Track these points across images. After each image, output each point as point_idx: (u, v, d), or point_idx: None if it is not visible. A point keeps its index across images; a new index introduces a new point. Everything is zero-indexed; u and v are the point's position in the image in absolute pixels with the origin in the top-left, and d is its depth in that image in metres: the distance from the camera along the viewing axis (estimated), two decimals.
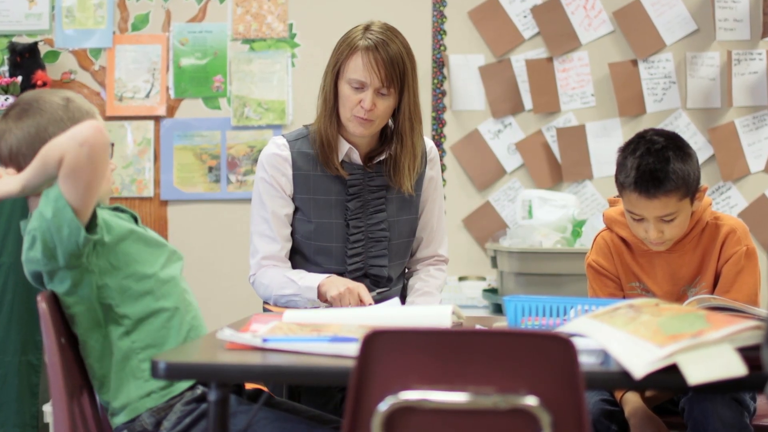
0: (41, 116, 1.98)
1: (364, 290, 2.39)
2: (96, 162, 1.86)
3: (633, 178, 2.24)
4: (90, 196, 1.87)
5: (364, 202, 2.56)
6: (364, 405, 1.53)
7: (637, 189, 2.24)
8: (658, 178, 2.23)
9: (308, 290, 2.44)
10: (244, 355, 1.72)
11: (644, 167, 2.24)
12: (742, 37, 4.13)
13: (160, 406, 1.96)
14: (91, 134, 1.84)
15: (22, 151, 1.99)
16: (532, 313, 1.98)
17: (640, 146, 2.28)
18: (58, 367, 1.90)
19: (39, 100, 2.01)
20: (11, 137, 1.99)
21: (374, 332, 1.53)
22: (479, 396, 1.51)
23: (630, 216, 2.31)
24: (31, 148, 1.96)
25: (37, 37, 4.26)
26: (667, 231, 2.29)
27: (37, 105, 2.00)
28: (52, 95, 2.03)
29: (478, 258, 4.20)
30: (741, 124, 4.12)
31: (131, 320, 1.98)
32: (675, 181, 2.23)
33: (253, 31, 4.27)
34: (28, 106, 2.00)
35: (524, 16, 4.19)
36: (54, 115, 1.98)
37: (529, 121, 4.20)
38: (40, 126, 1.98)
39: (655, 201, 2.24)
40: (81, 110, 2.01)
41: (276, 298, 2.52)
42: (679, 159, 2.25)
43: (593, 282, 2.45)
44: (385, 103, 2.47)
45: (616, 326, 1.70)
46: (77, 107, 2.01)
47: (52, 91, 2.07)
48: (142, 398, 1.96)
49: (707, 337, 1.58)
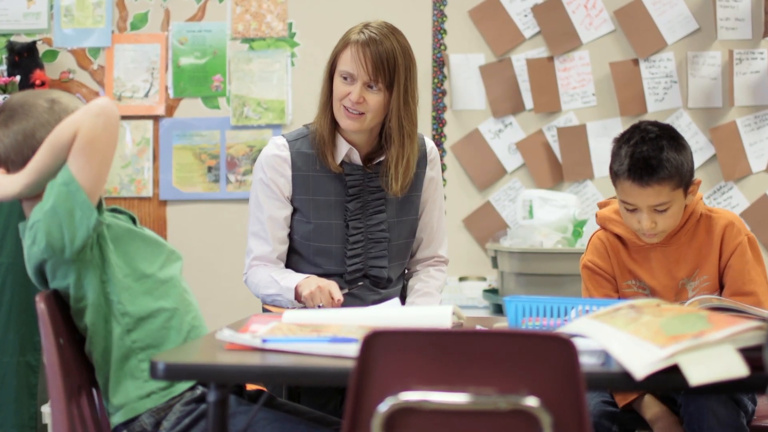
0: (27, 121, 1.98)
1: (334, 288, 2.39)
2: (111, 132, 1.89)
3: (627, 166, 2.27)
4: (103, 172, 1.89)
5: (363, 202, 2.56)
6: (364, 406, 1.53)
7: (630, 176, 2.26)
8: (651, 165, 2.25)
9: (287, 291, 2.45)
10: (243, 356, 1.71)
11: (638, 155, 2.26)
12: (744, 37, 4.12)
13: (159, 407, 1.95)
14: (105, 104, 1.89)
15: (10, 158, 1.98)
16: (532, 313, 1.97)
17: (634, 135, 2.31)
18: (57, 368, 1.89)
19: (24, 105, 2.00)
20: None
21: (374, 333, 1.52)
22: (480, 397, 1.51)
23: (623, 206, 2.33)
24: (20, 155, 1.96)
25: (35, 37, 4.26)
26: (660, 222, 2.30)
27: (22, 110, 1.99)
28: (37, 98, 2.02)
29: (479, 258, 4.19)
30: (742, 124, 4.12)
31: (132, 318, 1.97)
32: (668, 169, 2.25)
33: (252, 31, 4.27)
34: (13, 112, 1.99)
35: (525, 15, 4.19)
36: (40, 119, 1.97)
37: (529, 120, 4.20)
38: (27, 131, 1.97)
39: (648, 189, 2.26)
40: (67, 111, 2.00)
41: (263, 297, 2.54)
42: (673, 148, 2.28)
43: (588, 282, 2.46)
44: (375, 98, 2.47)
45: (617, 327, 1.70)
46: (63, 108, 2.00)
47: (36, 93, 2.06)
48: (142, 399, 1.95)
49: (708, 337, 1.57)
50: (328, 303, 2.35)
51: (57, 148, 1.89)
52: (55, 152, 1.89)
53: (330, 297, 2.36)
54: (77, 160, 1.86)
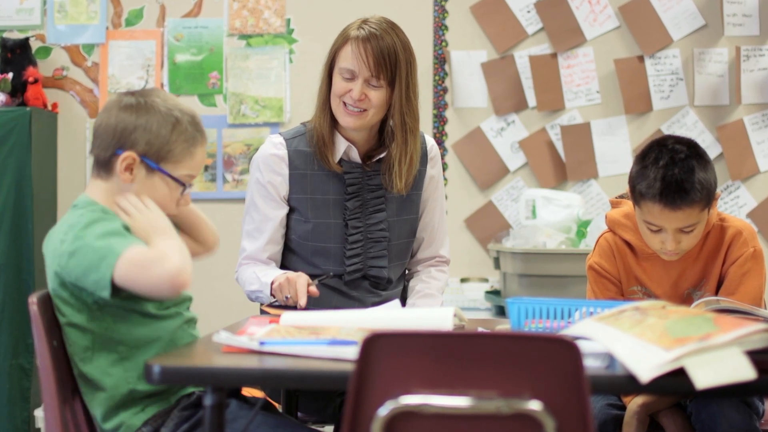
0: (146, 118, 1.94)
1: (302, 280, 2.35)
2: (153, 295, 1.85)
3: (658, 189, 2.21)
4: (134, 291, 1.84)
5: (363, 201, 2.55)
6: (363, 410, 1.52)
7: (662, 200, 2.21)
8: (684, 189, 2.20)
9: (266, 286, 2.45)
10: (240, 359, 1.71)
11: (670, 178, 2.21)
12: (751, 33, 4.13)
13: (157, 414, 1.92)
14: (180, 274, 1.82)
15: (99, 134, 1.95)
16: (535, 315, 1.97)
17: (662, 155, 2.24)
18: (50, 371, 1.87)
19: (155, 105, 1.96)
20: (110, 118, 1.95)
21: (374, 335, 1.52)
22: (481, 400, 1.50)
23: (646, 226, 2.29)
24: (108, 140, 1.93)
25: (28, 33, 4.26)
26: (684, 242, 2.27)
27: (151, 106, 1.95)
28: (173, 109, 1.97)
29: (481, 259, 4.19)
30: (750, 122, 4.12)
31: (127, 348, 1.92)
32: (700, 192, 2.21)
33: (249, 27, 4.26)
34: (145, 104, 1.96)
35: (528, 11, 4.19)
36: (151, 123, 1.94)
37: (532, 118, 4.19)
38: (135, 125, 1.94)
39: (678, 212, 2.22)
40: (179, 139, 1.96)
41: (248, 294, 2.55)
42: (702, 168, 2.23)
43: (594, 284, 2.44)
44: (377, 95, 2.46)
45: (621, 329, 1.69)
46: (181, 131, 1.96)
47: (176, 105, 1.99)
48: (137, 414, 1.92)
49: (715, 340, 1.56)
50: (294, 295, 2.33)
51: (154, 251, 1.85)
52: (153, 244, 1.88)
53: (296, 289, 2.33)
54: (124, 273, 1.81)
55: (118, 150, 1.93)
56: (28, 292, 2.01)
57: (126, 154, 1.93)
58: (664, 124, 4.13)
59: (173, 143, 1.96)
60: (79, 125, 4.27)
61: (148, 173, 1.95)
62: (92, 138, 2.00)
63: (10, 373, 3.86)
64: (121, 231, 1.87)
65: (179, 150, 1.96)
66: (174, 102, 1.99)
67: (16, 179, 3.92)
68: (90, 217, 1.89)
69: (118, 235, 1.85)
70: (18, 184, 3.92)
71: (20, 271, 3.89)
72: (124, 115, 1.95)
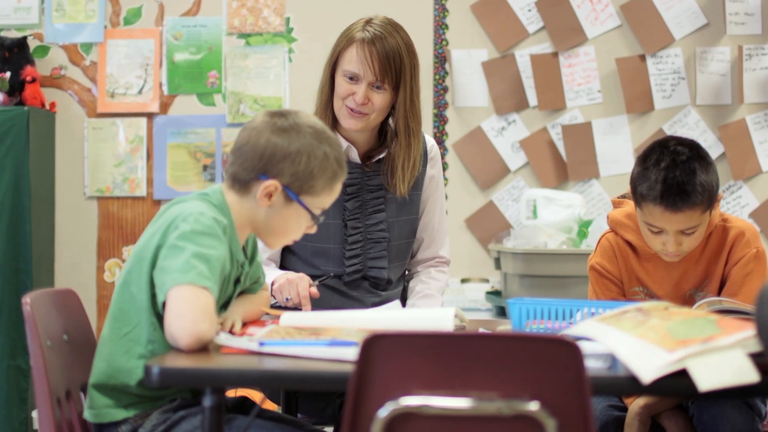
0: (297, 148, 1.92)
1: (304, 281, 2.35)
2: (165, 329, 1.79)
3: (659, 192, 2.21)
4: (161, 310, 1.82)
5: (362, 202, 2.54)
6: (363, 411, 1.52)
7: (663, 202, 2.21)
8: (686, 191, 2.20)
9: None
10: (240, 360, 1.70)
11: (671, 180, 2.21)
12: (754, 32, 4.12)
13: (138, 414, 1.90)
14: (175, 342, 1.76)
15: (244, 152, 1.92)
16: (536, 316, 1.97)
17: (663, 157, 2.24)
18: (43, 372, 1.85)
19: (306, 135, 1.93)
20: (260, 139, 1.91)
21: (374, 336, 1.51)
22: (482, 401, 1.50)
23: (647, 228, 2.29)
24: (254, 162, 1.91)
25: (26, 32, 4.25)
26: (686, 243, 2.27)
27: (303, 135, 1.93)
28: (323, 143, 1.95)
29: (481, 259, 4.18)
30: (752, 121, 4.11)
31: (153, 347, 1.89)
32: (701, 194, 2.21)
33: (249, 26, 4.26)
34: (298, 132, 1.93)
35: (528, 10, 4.18)
36: (303, 162, 1.92)
37: (533, 118, 4.19)
38: (285, 153, 1.91)
39: (679, 215, 2.22)
40: (324, 175, 1.95)
41: None
42: (704, 170, 2.23)
43: (595, 285, 2.44)
44: (380, 98, 2.46)
45: (623, 330, 1.69)
46: (328, 166, 1.95)
47: (327, 137, 1.97)
48: (119, 409, 1.90)
49: (718, 342, 1.56)
50: (296, 297, 2.32)
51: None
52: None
53: (297, 290, 2.33)
54: (180, 300, 1.77)
55: (262, 175, 1.92)
56: (25, 292, 1.99)
57: (270, 182, 1.91)
58: (666, 124, 4.12)
59: (317, 178, 1.94)
60: (77, 124, 4.26)
61: (285, 202, 1.94)
62: (233, 153, 1.96)
63: (8, 374, 3.86)
64: (215, 264, 1.83)
65: (321, 185, 1.95)
66: (324, 133, 1.97)
67: (13, 179, 3.91)
68: (210, 228, 1.85)
69: (208, 265, 1.81)
70: (16, 184, 3.91)
71: (17, 271, 3.89)
72: (275, 139, 1.92)
